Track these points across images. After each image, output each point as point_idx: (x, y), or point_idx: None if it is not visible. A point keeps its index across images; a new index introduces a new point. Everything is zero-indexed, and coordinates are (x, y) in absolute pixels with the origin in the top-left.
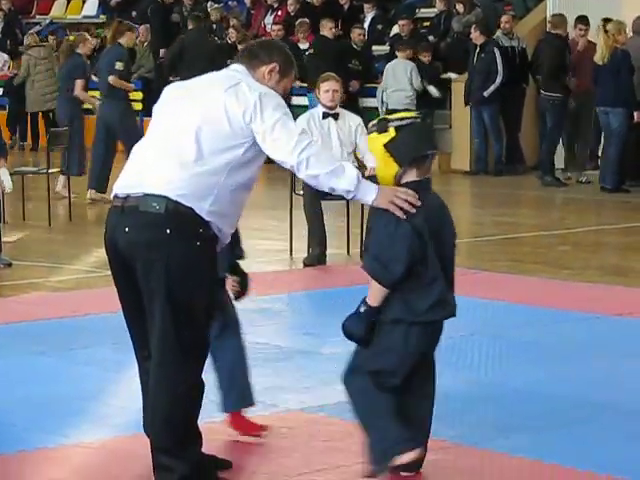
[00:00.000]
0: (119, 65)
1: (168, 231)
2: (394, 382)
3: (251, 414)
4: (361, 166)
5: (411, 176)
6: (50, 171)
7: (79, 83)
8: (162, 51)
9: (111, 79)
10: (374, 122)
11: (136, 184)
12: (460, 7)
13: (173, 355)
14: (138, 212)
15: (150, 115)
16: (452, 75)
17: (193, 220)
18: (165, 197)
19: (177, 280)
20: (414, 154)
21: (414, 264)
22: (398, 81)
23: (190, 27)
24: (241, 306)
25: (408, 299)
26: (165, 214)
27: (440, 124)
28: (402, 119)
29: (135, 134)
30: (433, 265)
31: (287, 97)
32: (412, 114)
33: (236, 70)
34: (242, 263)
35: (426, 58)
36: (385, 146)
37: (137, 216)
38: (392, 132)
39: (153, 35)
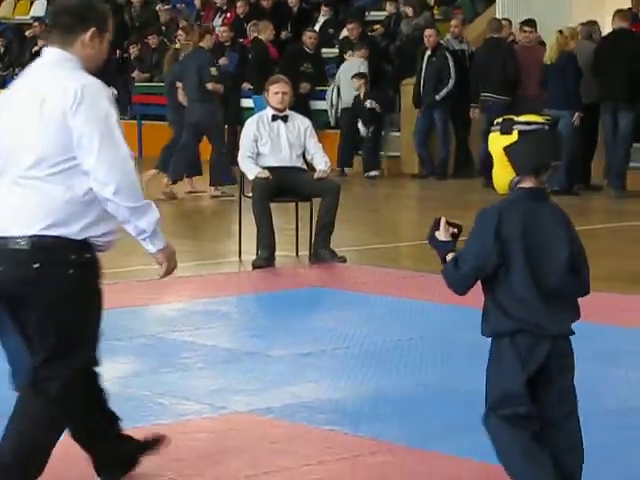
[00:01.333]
0: (214, 70)
1: (36, 266)
2: (521, 410)
3: (198, 415)
4: (310, 169)
5: (528, 184)
6: None
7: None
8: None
9: (210, 85)
10: (499, 120)
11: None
12: (409, 10)
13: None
14: (7, 250)
15: None
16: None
17: (63, 248)
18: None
19: (56, 312)
20: (536, 164)
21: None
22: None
23: None
24: (191, 308)
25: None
26: (30, 250)
27: (389, 127)
28: (529, 123)
29: (223, 135)
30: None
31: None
32: (541, 119)
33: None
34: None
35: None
36: (505, 149)
37: (6, 254)
38: (515, 135)
39: None
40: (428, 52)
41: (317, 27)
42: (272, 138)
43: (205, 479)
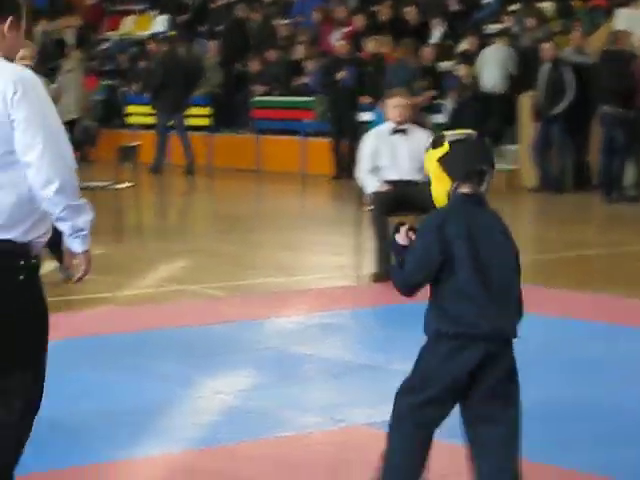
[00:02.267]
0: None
1: None
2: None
3: (318, 428)
4: (430, 181)
5: (464, 190)
6: (117, 186)
7: None
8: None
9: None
10: (431, 139)
11: None
12: (531, 21)
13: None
14: None
15: (219, 131)
16: None
17: (10, 253)
18: None
19: (10, 321)
20: (467, 169)
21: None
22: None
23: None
24: (309, 321)
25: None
26: None
27: (507, 140)
28: (457, 134)
29: None
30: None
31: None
32: (469, 131)
33: None
34: (309, 279)
35: None
36: (439, 161)
37: None
38: (446, 147)
39: (225, 50)
40: (548, 65)
41: (434, 40)
42: (391, 152)
43: None
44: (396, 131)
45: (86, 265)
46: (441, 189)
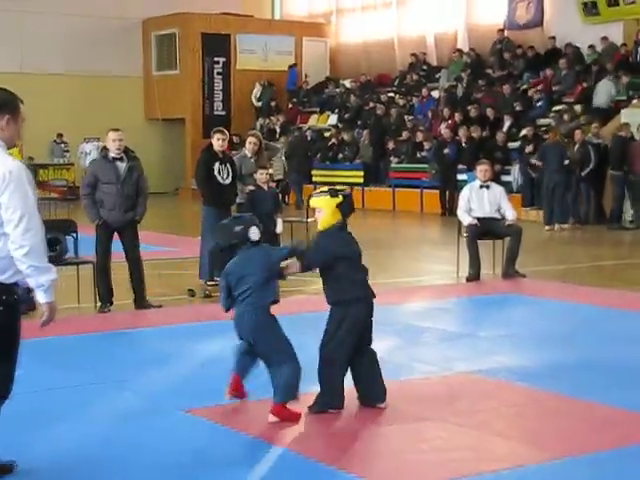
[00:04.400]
0: None
1: None
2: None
3: (435, 375)
4: (503, 217)
5: (343, 222)
6: (306, 220)
7: None
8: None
9: None
10: (324, 189)
11: None
12: (566, 117)
13: None
14: None
15: (368, 186)
16: None
17: None
18: None
19: None
20: (351, 212)
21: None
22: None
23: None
24: (428, 306)
25: None
26: None
27: None
28: (344, 191)
29: None
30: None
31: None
32: (346, 188)
33: None
34: (426, 279)
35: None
36: (337, 206)
37: None
38: (341, 198)
39: (372, 135)
40: (577, 145)
41: (505, 129)
42: (479, 199)
43: (444, 414)
44: (482, 186)
45: (50, 313)
46: (332, 221)
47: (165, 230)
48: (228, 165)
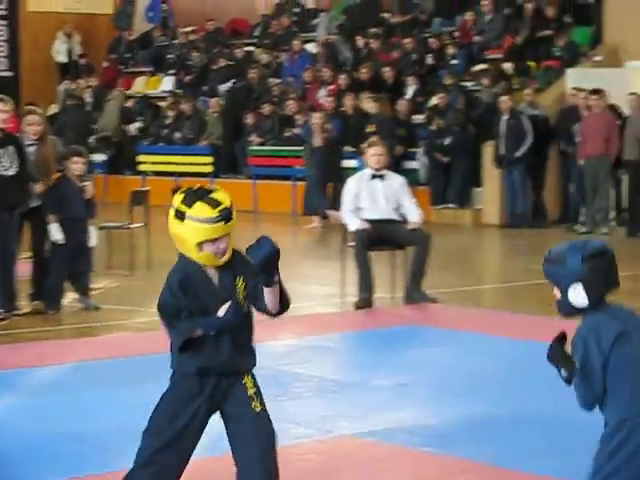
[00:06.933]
0: None
1: None
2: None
3: (309, 438)
4: (404, 220)
5: None
6: (131, 226)
7: None
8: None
9: None
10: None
11: None
12: (486, 81)
13: None
14: None
15: (218, 177)
16: None
17: None
18: None
19: None
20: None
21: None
22: None
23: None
24: (301, 344)
25: None
26: None
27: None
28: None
29: None
30: None
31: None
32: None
33: None
34: (301, 307)
35: None
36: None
37: None
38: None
39: (224, 105)
40: (506, 116)
41: (408, 96)
42: (371, 194)
43: None
44: (374, 176)
45: None
46: (191, 244)
47: None
48: (12, 149)
